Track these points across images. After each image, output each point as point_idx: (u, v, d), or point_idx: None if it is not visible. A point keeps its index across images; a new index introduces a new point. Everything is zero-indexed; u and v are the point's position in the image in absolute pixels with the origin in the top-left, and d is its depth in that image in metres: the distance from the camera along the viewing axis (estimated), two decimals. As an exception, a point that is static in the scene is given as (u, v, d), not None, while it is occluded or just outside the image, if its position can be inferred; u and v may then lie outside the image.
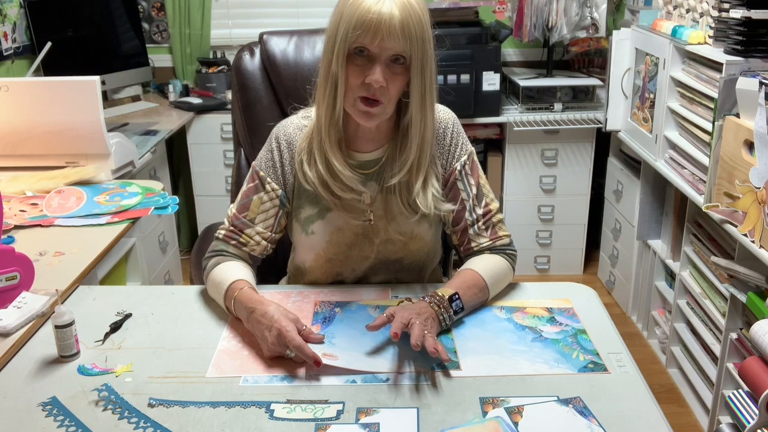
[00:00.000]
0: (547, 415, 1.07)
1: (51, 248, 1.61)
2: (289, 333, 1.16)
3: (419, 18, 1.24)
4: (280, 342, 1.17)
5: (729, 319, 2.01)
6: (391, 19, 1.21)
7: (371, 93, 1.26)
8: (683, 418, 2.37)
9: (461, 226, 1.44)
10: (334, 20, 1.28)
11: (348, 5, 1.24)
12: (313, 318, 1.34)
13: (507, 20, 3.35)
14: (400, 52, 1.24)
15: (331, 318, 1.34)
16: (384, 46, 1.23)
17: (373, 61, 1.25)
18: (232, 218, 1.44)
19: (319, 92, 1.34)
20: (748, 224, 1.79)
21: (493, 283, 1.38)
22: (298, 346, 1.15)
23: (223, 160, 3.27)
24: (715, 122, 1.97)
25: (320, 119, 1.35)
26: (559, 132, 3.16)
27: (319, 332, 1.26)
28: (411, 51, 1.25)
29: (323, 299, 1.41)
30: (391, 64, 1.26)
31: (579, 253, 3.39)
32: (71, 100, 2.01)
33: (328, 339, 1.25)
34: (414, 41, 1.24)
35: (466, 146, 1.46)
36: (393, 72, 1.26)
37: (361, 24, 1.22)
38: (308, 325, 1.25)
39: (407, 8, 1.23)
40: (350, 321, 1.32)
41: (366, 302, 1.38)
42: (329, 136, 1.34)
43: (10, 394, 1.14)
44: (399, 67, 1.27)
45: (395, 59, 1.26)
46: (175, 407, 1.10)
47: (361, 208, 1.40)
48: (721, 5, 2.05)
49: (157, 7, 3.52)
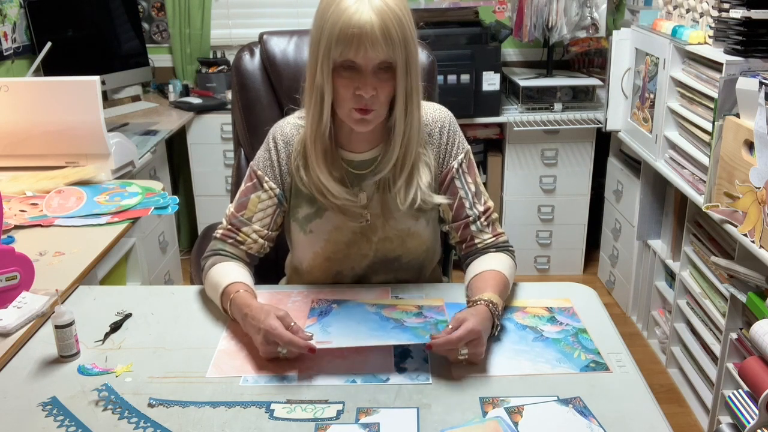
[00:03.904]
0: (547, 415, 1.07)
1: (51, 248, 1.61)
2: (276, 330, 1.16)
3: (399, 20, 1.23)
4: (270, 341, 1.17)
5: (729, 319, 2.01)
6: (372, 29, 1.20)
7: (363, 104, 1.27)
8: (683, 418, 2.37)
9: (462, 222, 1.44)
10: (315, 32, 1.27)
11: (327, 19, 1.23)
12: (310, 312, 1.35)
13: (507, 20, 3.35)
14: (385, 59, 1.24)
15: (327, 312, 1.35)
16: (369, 56, 1.23)
17: (360, 72, 1.25)
18: (230, 217, 1.44)
19: (306, 102, 1.34)
20: (748, 224, 1.79)
21: (511, 284, 1.40)
22: (287, 342, 1.15)
23: (223, 160, 3.27)
24: (715, 122, 1.97)
25: (307, 129, 1.36)
26: (559, 132, 3.16)
27: (315, 324, 1.28)
28: (395, 56, 1.24)
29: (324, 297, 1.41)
30: (379, 71, 1.26)
31: (579, 253, 3.39)
32: (71, 100, 2.01)
33: (323, 328, 1.27)
34: (397, 46, 1.23)
35: (462, 144, 1.46)
36: (381, 79, 1.27)
37: (343, 39, 1.21)
38: (304, 319, 1.26)
39: (385, 12, 1.21)
40: (347, 314, 1.33)
41: (364, 301, 1.39)
42: (315, 149, 1.35)
43: (10, 394, 1.14)
44: (386, 73, 1.27)
45: (381, 66, 1.26)
46: (175, 407, 1.10)
47: (358, 212, 1.41)
48: (721, 5, 2.05)
49: (157, 7, 3.52)
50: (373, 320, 1.30)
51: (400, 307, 1.36)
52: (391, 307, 1.36)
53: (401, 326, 1.27)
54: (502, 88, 3.14)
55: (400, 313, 1.33)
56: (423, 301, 1.39)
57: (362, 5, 1.21)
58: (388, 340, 1.21)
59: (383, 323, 1.29)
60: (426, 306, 1.37)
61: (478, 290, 1.31)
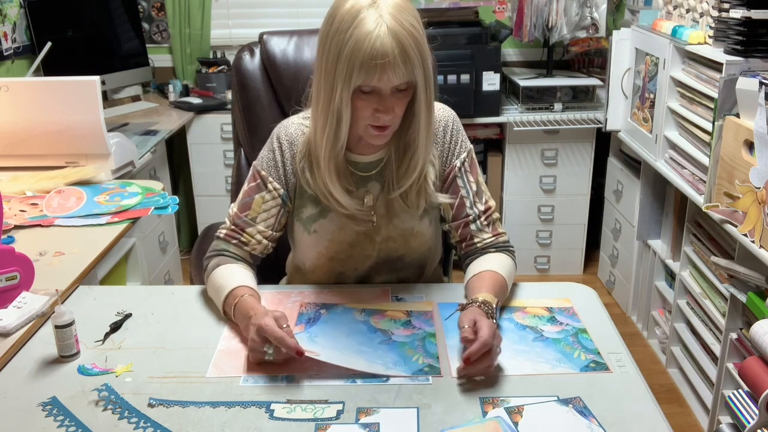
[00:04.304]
0: (547, 415, 1.07)
1: (51, 248, 1.61)
2: (268, 326, 1.15)
3: (417, 41, 1.22)
4: (261, 337, 1.16)
5: (729, 319, 2.01)
6: (395, 57, 1.20)
7: (381, 122, 1.28)
8: (683, 418, 2.37)
9: (462, 221, 1.44)
10: (332, 51, 1.24)
11: (346, 42, 1.21)
12: (298, 318, 1.34)
13: (507, 20, 3.35)
14: (405, 81, 1.25)
15: (315, 319, 1.34)
16: (391, 81, 1.23)
17: (380, 95, 1.25)
18: (234, 217, 1.44)
19: (319, 121, 1.32)
20: (748, 224, 1.79)
21: (510, 284, 1.40)
22: (278, 338, 1.14)
23: (223, 160, 3.27)
24: (715, 122, 1.97)
25: (319, 148, 1.34)
26: (559, 132, 3.16)
27: (302, 332, 1.28)
28: (416, 77, 1.25)
29: (314, 300, 1.41)
30: (397, 91, 1.26)
31: (579, 253, 3.39)
32: (71, 100, 2.01)
33: (311, 338, 1.26)
34: (417, 67, 1.23)
35: (465, 144, 1.47)
36: (399, 97, 1.27)
37: (366, 67, 1.20)
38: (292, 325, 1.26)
39: (404, 36, 1.20)
40: (334, 323, 1.32)
41: (352, 305, 1.38)
42: (329, 168, 1.34)
43: (10, 394, 1.14)
44: (404, 91, 1.27)
45: (400, 87, 1.26)
46: (175, 407, 1.10)
47: (363, 218, 1.41)
48: (721, 5, 2.05)
49: (157, 7, 3.52)
50: (361, 332, 1.29)
51: (389, 314, 1.35)
52: (380, 313, 1.35)
53: (388, 341, 1.26)
54: (502, 88, 3.14)
55: (389, 322, 1.32)
56: (413, 306, 1.38)
57: (381, 30, 1.19)
58: (373, 366, 1.19)
59: (371, 336, 1.28)
60: (415, 312, 1.36)
61: (474, 291, 1.31)
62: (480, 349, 1.13)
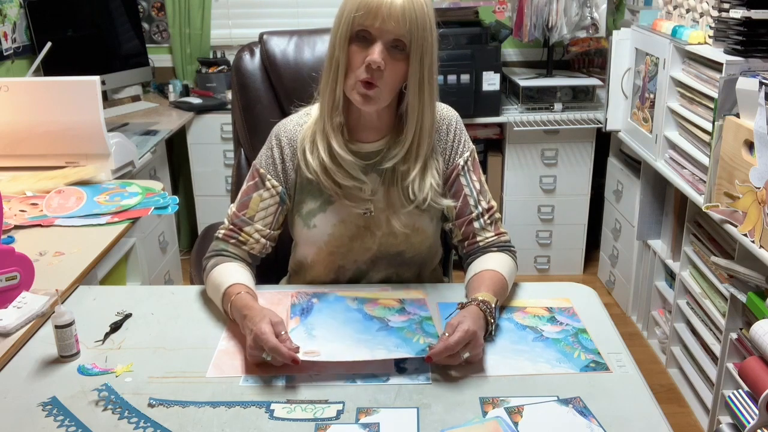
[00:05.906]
0: (547, 415, 1.07)
1: (51, 248, 1.61)
2: (264, 335, 1.15)
3: (421, 7, 1.27)
4: (257, 345, 1.16)
5: (729, 319, 2.01)
6: (392, 3, 1.24)
7: (369, 75, 1.28)
8: (683, 418, 2.37)
9: (466, 219, 1.45)
10: (339, 10, 1.31)
11: None
12: (291, 310, 1.34)
13: (507, 20, 3.35)
14: (399, 35, 1.26)
15: (308, 309, 1.34)
16: (384, 28, 1.25)
17: (373, 43, 1.27)
18: (232, 217, 1.44)
19: (323, 79, 1.36)
20: (748, 224, 1.79)
21: (510, 284, 1.40)
22: (272, 348, 1.14)
23: (223, 160, 3.27)
24: (715, 122, 1.97)
25: (323, 105, 1.37)
26: (559, 132, 3.16)
27: (298, 326, 1.28)
28: (410, 36, 1.26)
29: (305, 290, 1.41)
30: (392, 49, 1.28)
31: (579, 253, 3.39)
32: (71, 100, 2.01)
33: (308, 331, 1.26)
34: (414, 27, 1.26)
35: (468, 143, 1.48)
36: (392, 57, 1.28)
37: (363, 6, 1.25)
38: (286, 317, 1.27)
39: None
40: (329, 311, 1.33)
41: (344, 294, 1.39)
42: (331, 120, 1.36)
43: (10, 394, 1.14)
44: (399, 53, 1.28)
45: (395, 45, 1.27)
46: (175, 407, 1.10)
47: (363, 197, 1.41)
48: (721, 5, 2.05)
49: (157, 7, 3.52)
50: (357, 320, 1.30)
51: (381, 302, 1.36)
52: (373, 302, 1.36)
53: (386, 328, 1.27)
54: (502, 88, 3.14)
55: (383, 310, 1.33)
56: (404, 294, 1.39)
57: None
58: (375, 353, 1.19)
59: (368, 324, 1.28)
60: (408, 300, 1.37)
61: (474, 290, 1.31)
62: (442, 352, 1.14)
